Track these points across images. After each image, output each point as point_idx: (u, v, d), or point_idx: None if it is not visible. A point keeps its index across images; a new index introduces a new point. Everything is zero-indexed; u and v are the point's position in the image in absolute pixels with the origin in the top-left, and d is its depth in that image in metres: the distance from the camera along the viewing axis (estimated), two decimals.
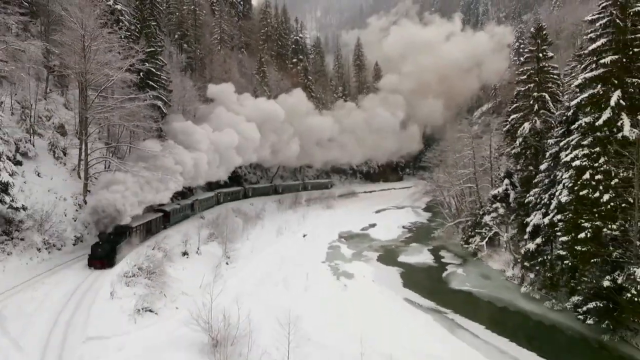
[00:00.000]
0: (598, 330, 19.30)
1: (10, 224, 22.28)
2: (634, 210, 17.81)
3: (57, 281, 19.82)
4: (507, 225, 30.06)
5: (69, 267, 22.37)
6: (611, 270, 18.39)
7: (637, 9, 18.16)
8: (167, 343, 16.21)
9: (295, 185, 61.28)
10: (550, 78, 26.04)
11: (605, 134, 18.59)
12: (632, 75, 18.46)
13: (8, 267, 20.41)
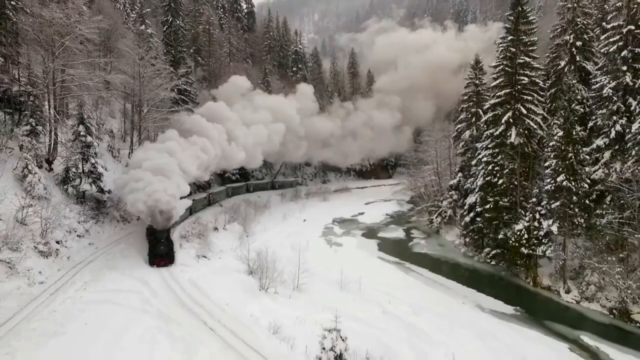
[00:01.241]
0: (499, 269, 30.45)
1: (99, 203, 33.22)
2: (517, 189, 28.91)
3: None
4: (458, 207, 41.10)
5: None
6: (503, 227, 29.49)
7: (520, 61, 29.28)
8: (221, 270, 27.13)
9: (264, 184, 66.58)
10: (484, 97, 37.09)
11: (501, 140, 29.69)
12: (517, 102, 29.56)
13: (105, 231, 31.43)
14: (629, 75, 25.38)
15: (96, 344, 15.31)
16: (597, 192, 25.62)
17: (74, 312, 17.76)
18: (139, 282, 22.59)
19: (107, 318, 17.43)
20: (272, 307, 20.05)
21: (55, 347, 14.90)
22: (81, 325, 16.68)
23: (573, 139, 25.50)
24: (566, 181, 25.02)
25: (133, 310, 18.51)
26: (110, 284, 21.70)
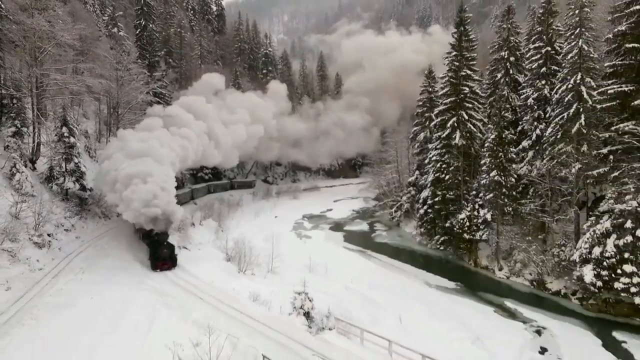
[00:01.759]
0: (447, 253, 35.51)
1: (82, 201, 35.59)
2: (460, 184, 34.04)
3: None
4: (415, 202, 46.16)
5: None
6: (450, 217, 34.57)
7: (463, 74, 34.47)
8: (202, 257, 30.46)
9: (224, 184, 68.03)
10: (435, 104, 42.23)
11: (448, 142, 34.76)
12: (461, 109, 34.73)
13: (88, 226, 33.93)
14: (547, 88, 30.98)
15: (104, 312, 18.53)
16: (522, 185, 31.04)
17: (79, 290, 20.81)
18: (129, 266, 25.71)
19: (109, 294, 20.60)
20: (250, 284, 23.75)
21: (70, 315, 18.02)
22: (87, 299, 19.79)
23: (503, 140, 30.82)
24: (497, 176, 30.27)
25: (130, 288, 21.74)
26: (104, 269, 24.67)
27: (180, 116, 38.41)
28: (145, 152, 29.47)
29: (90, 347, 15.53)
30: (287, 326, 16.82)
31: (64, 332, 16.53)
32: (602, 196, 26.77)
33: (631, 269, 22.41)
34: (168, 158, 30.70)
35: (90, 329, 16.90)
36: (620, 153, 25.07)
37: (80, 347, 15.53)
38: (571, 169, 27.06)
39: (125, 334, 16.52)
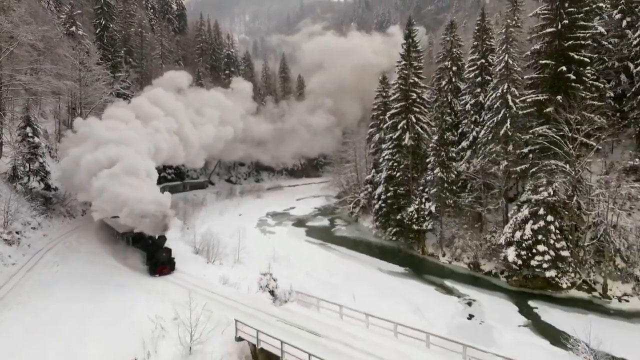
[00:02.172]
0: (399, 243, 39.59)
1: (47, 200, 36.40)
2: (410, 180, 38.22)
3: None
4: (372, 198, 50.12)
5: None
6: (401, 210, 38.65)
7: (412, 81, 38.68)
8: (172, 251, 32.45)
9: (177, 186, 67.68)
10: (388, 107, 46.34)
11: (398, 142, 38.83)
12: (410, 113, 38.93)
13: (54, 224, 34.92)
14: (482, 95, 35.73)
15: (85, 297, 20.51)
16: (461, 180, 35.57)
17: (56, 281, 22.53)
18: (103, 260, 27.45)
19: (87, 280, 22.49)
20: (219, 271, 26.29)
21: (53, 300, 19.87)
22: (68, 285, 21.64)
23: (445, 141, 35.22)
24: (440, 173, 34.60)
25: (103, 273, 23.70)
26: (79, 262, 26.31)
27: (149, 109, 36.87)
28: (124, 146, 28.28)
29: (79, 323, 17.64)
30: (254, 301, 19.67)
31: (50, 313, 18.46)
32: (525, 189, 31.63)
33: (543, 248, 27.14)
34: (148, 153, 29.48)
35: (76, 311, 18.91)
36: (537, 152, 29.94)
37: (69, 324, 17.60)
38: (500, 166, 31.77)
39: (110, 313, 18.72)
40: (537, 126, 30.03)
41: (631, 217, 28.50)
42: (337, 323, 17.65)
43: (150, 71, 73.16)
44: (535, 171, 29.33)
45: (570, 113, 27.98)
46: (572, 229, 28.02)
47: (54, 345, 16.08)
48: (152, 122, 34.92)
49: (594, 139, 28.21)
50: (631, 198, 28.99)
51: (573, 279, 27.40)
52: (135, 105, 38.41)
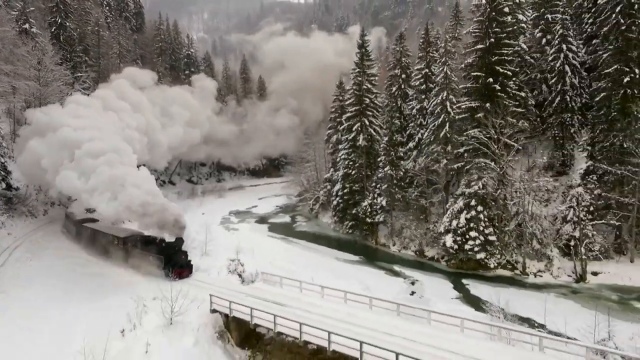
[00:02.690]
0: (355, 236, 43.66)
1: (8, 200, 37.09)
2: (364, 177, 42.39)
3: None
4: (331, 195, 53.99)
5: None
6: (356, 205, 42.72)
7: (365, 87, 42.87)
8: None
9: None
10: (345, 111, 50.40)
11: (353, 143, 42.90)
12: (364, 116, 43.11)
13: (17, 224, 35.82)
14: (426, 101, 40.52)
15: (64, 284, 22.57)
16: (408, 177, 40.17)
17: (33, 274, 24.29)
18: (71, 254, 29.21)
19: (63, 272, 24.42)
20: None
21: (36, 289, 21.80)
22: (45, 277, 23.49)
23: (394, 142, 39.68)
24: (390, 170, 38.98)
25: (75, 264, 25.66)
26: (50, 257, 27.95)
27: (115, 102, 35.70)
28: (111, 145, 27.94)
29: (65, 306, 19.85)
30: (225, 282, 22.65)
31: (36, 300, 20.48)
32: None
33: (475, 234, 32.03)
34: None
35: (60, 297, 21.02)
36: (470, 152, 34.95)
37: (56, 307, 19.77)
38: (440, 164, 36.57)
39: (93, 297, 21.00)
40: (470, 129, 35.02)
41: (548, 206, 34.20)
42: (297, 295, 21.07)
43: (107, 71, 72.87)
44: (468, 168, 34.29)
45: (496, 118, 33.17)
46: (499, 217, 33.16)
47: (45, 326, 18.28)
48: (121, 116, 34.02)
49: (515, 141, 33.55)
50: (548, 190, 34.75)
51: (499, 260, 32.50)
52: (101, 97, 36.91)
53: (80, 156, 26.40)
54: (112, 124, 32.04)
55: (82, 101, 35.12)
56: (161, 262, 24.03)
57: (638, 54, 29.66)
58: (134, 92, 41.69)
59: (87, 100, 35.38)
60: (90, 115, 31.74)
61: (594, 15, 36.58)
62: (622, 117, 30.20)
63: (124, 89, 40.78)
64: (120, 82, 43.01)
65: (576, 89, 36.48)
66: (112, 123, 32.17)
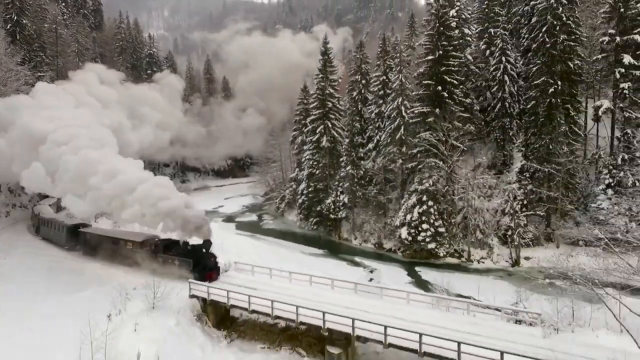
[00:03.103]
0: (319, 232, 46.79)
1: None
2: (327, 176, 45.61)
3: None
4: (296, 194, 56.83)
5: None
6: (320, 203, 45.86)
7: (328, 92, 46.09)
8: None
9: None
10: (309, 114, 53.47)
11: (317, 144, 46.01)
12: (327, 119, 46.33)
13: None
14: (384, 106, 44.31)
15: (44, 279, 24.04)
16: (368, 176, 43.80)
17: (11, 269, 25.48)
18: (44, 252, 30.38)
19: (40, 268, 25.75)
20: None
21: (19, 281, 23.18)
22: (24, 273, 24.80)
23: (355, 143, 43.15)
24: (351, 170, 42.39)
25: (51, 262, 27.06)
26: (24, 255, 29.01)
27: (85, 98, 34.36)
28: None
29: (48, 297, 21.50)
30: None
31: (19, 294, 21.92)
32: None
33: (426, 227, 35.99)
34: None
35: (42, 290, 22.55)
36: (423, 152, 38.97)
37: (40, 299, 21.36)
38: (396, 164, 40.40)
39: (75, 288, 22.69)
40: (422, 132, 39.04)
41: (490, 201, 38.80)
42: (268, 281, 23.78)
43: (66, 70, 71.78)
44: (421, 167, 38.28)
45: (444, 122, 37.36)
46: (447, 211, 37.37)
47: (34, 315, 19.96)
48: (93, 112, 32.75)
49: (461, 142, 37.92)
50: (490, 187, 39.38)
51: (447, 249, 36.68)
52: (69, 90, 35.03)
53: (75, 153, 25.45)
54: (87, 118, 31.09)
55: (51, 90, 33.69)
56: (189, 265, 23.84)
57: (560, 69, 34.74)
58: (103, 88, 40.81)
59: (55, 90, 33.72)
60: (63, 107, 30.91)
61: (528, 30, 41.71)
62: (549, 123, 35.17)
63: (91, 83, 39.60)
64: (88, 75, 41.85)
65: (514, 96, 41.47)
66: (86, 118, 31.24)
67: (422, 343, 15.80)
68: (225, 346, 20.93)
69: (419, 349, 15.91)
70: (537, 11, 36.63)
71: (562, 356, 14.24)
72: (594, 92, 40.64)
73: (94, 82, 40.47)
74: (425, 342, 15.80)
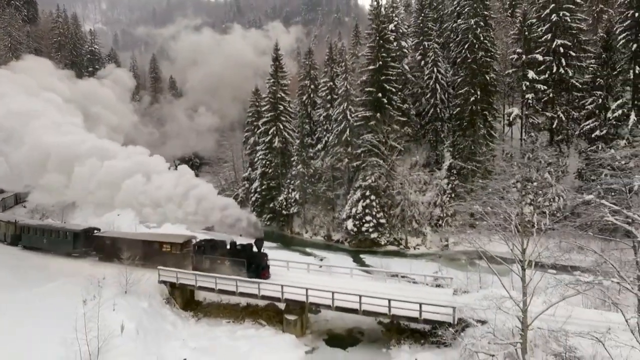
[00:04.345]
0: (273, 227, 50.33)
1: None
2: (280, 175, 49.30)
3: None
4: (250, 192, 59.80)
5: None
6: (273, 200, 49.42)
7: (279, 96, 49.78)
8: None
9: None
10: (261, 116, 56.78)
11: (270, 145, 49.54)
12: (278, 121, 50.01)
13: None
14: (331, 109, 48.82)
15: (11, 274, 25.58)
16: (318, 174, 48.10)
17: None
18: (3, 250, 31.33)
19: (3, 266, 27.07)
20: None
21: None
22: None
23: (305, 144, 47.23)
24: (302, 169, 46.42)
25: (14, 259, 28.40)
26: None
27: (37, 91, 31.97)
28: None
29: (19, 289, 23.30)
30: None
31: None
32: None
33: (369, 219, 40.87)
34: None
35: (10, 282, 24.21)
36: (366, 152, 43.91)
37: (12, 290, 23.13)
38: (343, 163, 45.03)
39: (43, 281, 24.56)
40: (365, 134, 43.99)
41: (425, 195, 44.55)
42: None
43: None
44: (364, 166, 43.19)
45: (384, 126, 42.54)
46: (387, 204, 42.58)
47: (9, 307, 21.84)
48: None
49: (399, 143, 43.35)
50: (425, 183, 45.17)
51: (388, 238, 41.85)
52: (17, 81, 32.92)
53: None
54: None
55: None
56: (243, 265, 24.20)
57: (479, 80, 41.21)
58: (57, 82, 38.13)
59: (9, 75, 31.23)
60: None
61: (455, 45, 48.19)
62: (471, 127, 41.54)
63: (43, 76, 35.90)
64: (43, 63, 38.31)
65: (444, 102, 47.75)
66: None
67: (362, 303, 20.14)
68: (194, 323, 24.06)
69: (359, 307, 20.24)
70: (461, 31, 42.97)
71: (460, 304, 19.14)
72: (509, 101, 47.99)
73: (45, 73, 37.22)
74: (364, 302, 20.16)
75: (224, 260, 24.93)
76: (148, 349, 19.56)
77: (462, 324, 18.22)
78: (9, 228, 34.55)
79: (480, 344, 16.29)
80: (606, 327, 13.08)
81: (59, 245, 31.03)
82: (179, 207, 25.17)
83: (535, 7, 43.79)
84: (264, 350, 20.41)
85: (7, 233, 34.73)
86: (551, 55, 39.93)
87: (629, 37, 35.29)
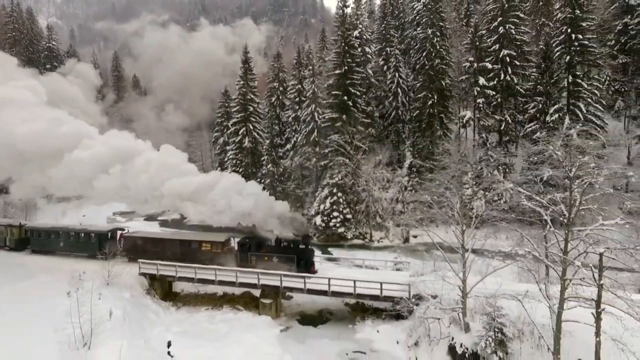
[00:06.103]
0: None
1: None
2: (250, 174, 51.45)
3: None
4: None
5: None
6: None
7: (249, 97, 51.87)
8: None
9: None
10: (231, 116, 58.58)
11: (240, 145, 51.51)
12: (248, 122, 52.09)
13: None
14: (300, 111, 51.44)
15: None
16: (287, 173, 50.61)
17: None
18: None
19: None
20: None
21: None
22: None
23: (274, 144, 49.63)
24: (271, 168, 48.78)
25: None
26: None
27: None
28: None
29: (11, 285, 24.44)
30: None
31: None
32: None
33: (337, 214, 43.85)
34: None
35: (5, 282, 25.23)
36: (333, 152, 46.90)
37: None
38: (311, 162, 47.81)
39: (23, 277, 25.71)
40: (332, 135, 46.98)
41: (387, 192, 48.08)
42: None
43: None
44: (331, 165, 46.15)
45: (350, 127, 45.68)
46: (353, 200, 45.74)
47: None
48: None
49: (363, 143, 46.66)
50: (388, 180, 48.72)
51: (354, 232, 45.00)
52: None
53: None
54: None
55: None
56: (293, 262, 25.12)
57: (436, 86, 45.21)
58: (25, 77, 36.14)
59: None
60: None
61: (415, 52, 52.13)
62: (429, 128, 45.47)
63: (11, 71, 35.05)
64: (6, 57, 37.03)
65: (405, 105, 51.55)
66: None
67: (331, 285, 22.96)
68: (174, 311, 26.04)
69: (328, 289, 23.04)
70: (419, 39, 46.86)
71: (415, 281, 22.37)
72: (463, 105, 52.51)
73: (10, 69, 35.32)
74: (333, 284, 22.98)
75: (271, 257, 25.77)
76: (135, 333, 21.44)
77: (416, 298, 21.40)
78: (11, 232, 33.23)
79: (431, 312, 19.52)
80: (525, 292, 16.57)
81: (82, 247, 30.64)
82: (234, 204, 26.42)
83: (485, 19, 48.39)
84: (243, 330, 22.78)
85: (13, 238, 33.16)
86: (499, 64, 44.48)
87: (563, 50, 40.26)
